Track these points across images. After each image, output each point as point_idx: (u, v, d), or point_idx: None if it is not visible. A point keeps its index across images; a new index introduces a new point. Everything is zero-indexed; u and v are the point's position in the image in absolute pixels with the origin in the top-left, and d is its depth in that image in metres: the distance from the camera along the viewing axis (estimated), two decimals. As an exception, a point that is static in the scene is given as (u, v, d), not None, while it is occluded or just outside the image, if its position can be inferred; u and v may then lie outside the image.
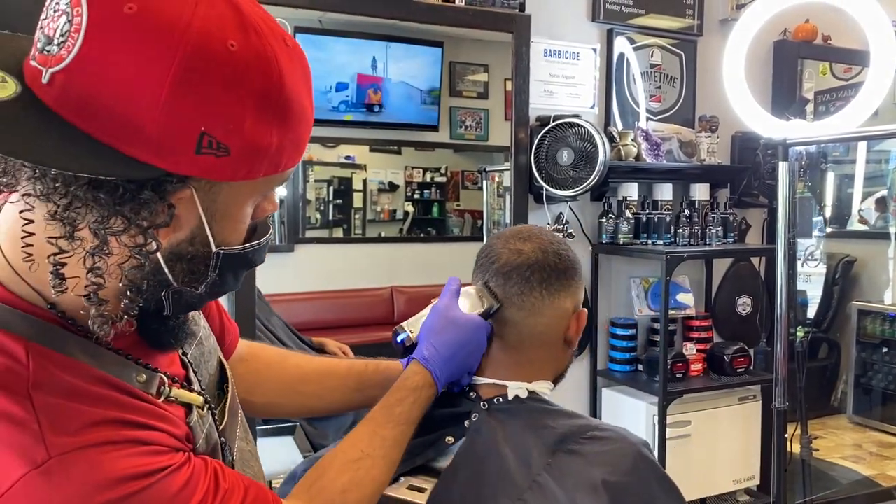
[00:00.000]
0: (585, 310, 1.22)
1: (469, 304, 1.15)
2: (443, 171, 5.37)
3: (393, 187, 5.35)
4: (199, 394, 0.85)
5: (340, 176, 5.02)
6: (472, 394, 1.15)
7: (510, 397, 1.15)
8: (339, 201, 5.03)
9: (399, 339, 1.16)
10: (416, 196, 5.37)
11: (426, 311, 1.16)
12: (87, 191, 0.61)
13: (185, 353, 0.88)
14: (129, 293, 0.67)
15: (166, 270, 0.69)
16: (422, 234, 5.45)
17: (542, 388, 1.20)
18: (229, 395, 0.94)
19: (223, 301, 2.51)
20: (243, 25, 0.64)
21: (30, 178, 0.63)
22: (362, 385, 1.18)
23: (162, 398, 0.76)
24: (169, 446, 0.71)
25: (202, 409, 0.84)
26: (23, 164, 0.63)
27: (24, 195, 0.65)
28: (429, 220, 5.44)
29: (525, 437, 1.09)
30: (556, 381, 1.25)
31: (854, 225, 4.93)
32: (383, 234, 5.36)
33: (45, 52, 0.61)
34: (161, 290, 0.71)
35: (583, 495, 1.02)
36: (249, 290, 2.57)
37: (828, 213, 4.59)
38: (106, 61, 0.60)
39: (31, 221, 0.65)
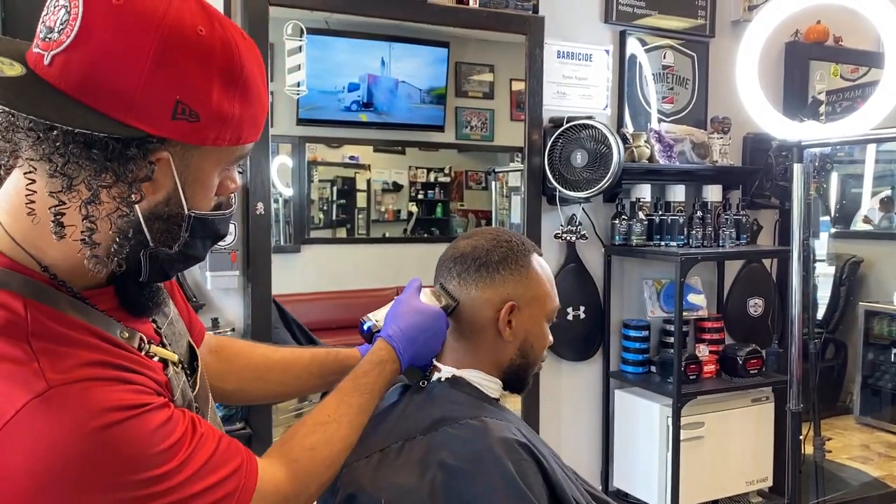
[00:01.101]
0: (513, 303, 1.28)
1: (426, 301, 1.28)
2: (447, 171, 5.36)
3: (397, 187, 5.34)
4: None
5: (344, 176, 5.01)
6: (429, 374, 1.32)
7: (442, 378, 1.30)
8: (342, 201, 5.02)
9: (366, 327, 1.29)
10: (420, 196, 5.36)
11: (390, 304, 1.29)
12: (82, 149, 0.74)
13: (158, 327, 0.97)
14: (117, 239, 0.79)
15: (145, 229, 0.80)
16: (425, 235, 5.44)
17: (471, 375, 1.31)
18: (199, 368, 1.04)
19: (237, 305, 2.52)
20: (209, 17, 0.80)
21: (34, 143, 0.74)
22: (323, 371, 1.30)
23: (143, 353, 0.87)
24: (151, 388, 0.82)
25: (177, 367, 0.94)
26: (27, 130, 0.74)
27: (27, 160, 0.76)
28: (433, 220, 5.44)
29: (423, 411, 1.24)
30: (507, 375, 1.34)
31: (857, 225, 4.93)
32: (387, 235, 5.35)
33: (47, 39, 0.75)
34: (140, 249, 0.81)
35: (414, 468, 1.15)
36: (265, 294, 2.57)
37: (833, 213, 4.59)
38: (98, 43, 0.74)
39: (33, 181, 0.76)
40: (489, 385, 1.32)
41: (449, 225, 5.41)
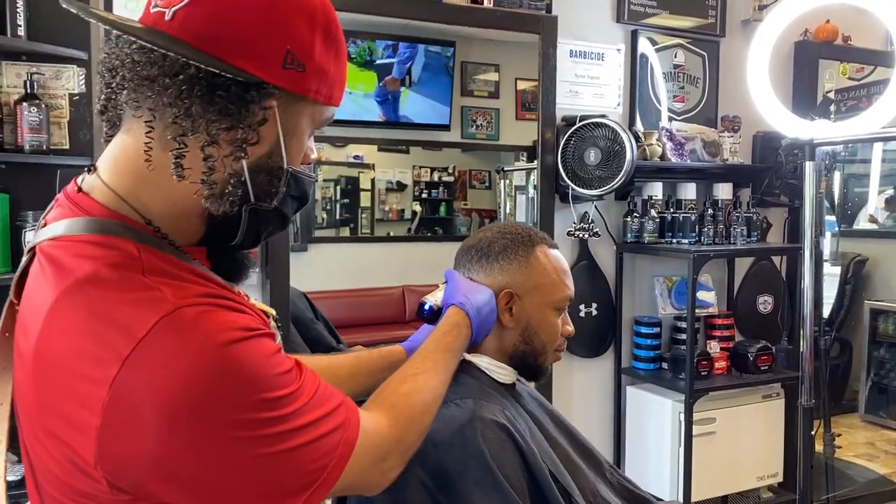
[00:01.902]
0: (509, 291, 1.38)
1: None
2: (450, 170, 5.38)
3: (401, 187, 5.36)
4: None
5: (348, 175, 5.02)
6: None
7: None
8: (345, 201, 5.04)
9: (427, 306, 1.34)
10: (424, 196, 5.38)
11: (443, 287, 1.37)
12: (206, 91, 0.78)
13: None
14: (231, 181, 0.83)
15: (249, 182, 0.84)
16: (429, 234, 5.46)
17: (480, 360, 1.41)
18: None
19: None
20: None
21: (160, 90, 0.78)
22: (371, 369, 1.32)
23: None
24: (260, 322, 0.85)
25: (276, 322, 0.98)
26: (157, 78, 0.79)
27: (149, 109, 0.80)
28: (436, 219, 5.45)
29: None
30: (514, 361, 1.43)
31: (862, 224, 4.95)
32: (391, 234, 5.36)
33: None
34: (243, 203, 0.85)
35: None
36: (283, 290, 2.59)
37: (838, 212, 4.61)
38: None
39: (152, 129, 0.80)
40: (497, 370, 1.42)
41: (452, 224, 5.43)
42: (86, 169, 0.88)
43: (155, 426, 0.71)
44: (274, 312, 1.00)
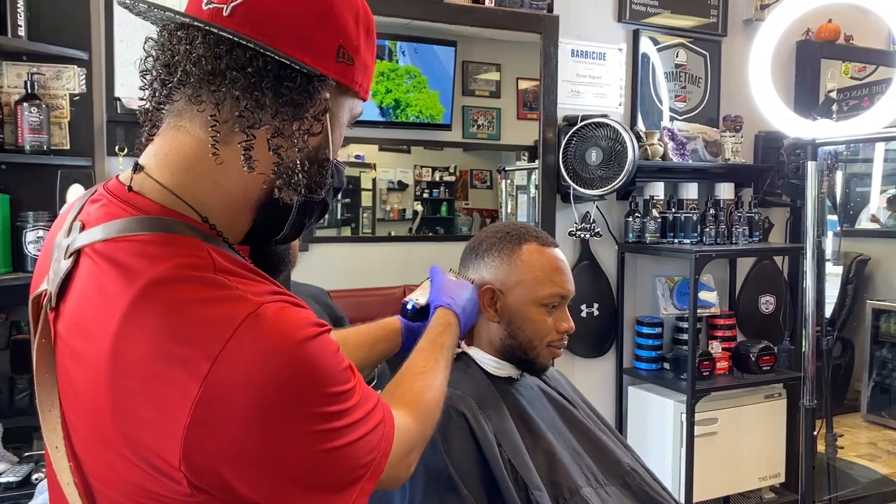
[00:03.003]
0: (489, 286, 1.45)
1: None
2: (451, 170, 5.38)
3: (402, 186, 5.36)
4: None
5: (349, 175, 5.01)
6: None
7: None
8: (347, 200, 5.03)
9: (409, 305, 1.39)
10: (426, 195, 5.38)
11: (425, 285, 1.42)
12: (273, 83, 0.81)
13: None
14: (294, 170, 0.85)
15: (306, 172, 0.87)
16: (430, 234, 5.46)
17: (474, 352, 1.51)
18: None
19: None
20: None
21: (230, 81, 0.80)
22: (372, 341, 1.40)
23: None
24: None
25: None
26: (227, 70, 0.80)
27: (214, 104, 0.81)
28: (437, 219, 5.45)
29: None
30: (504, 355, 1.49)
31: (863, 224, 4.95)
32: (393, 234, 5.36)
33: None
34: (296, 191, 0.86)
35: None
36: (286, 286, 2.58)
37: (840, 212, 4.60)
38: None
39: (217, 122, 0.81)
40: (489, 363, 1.49)
41: (454, 224, 5.43)
42: (132, 168, 0.87)
43: (245, 420, 0.73)
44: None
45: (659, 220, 3.20)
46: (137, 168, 0.86)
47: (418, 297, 1.40)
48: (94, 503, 0.82)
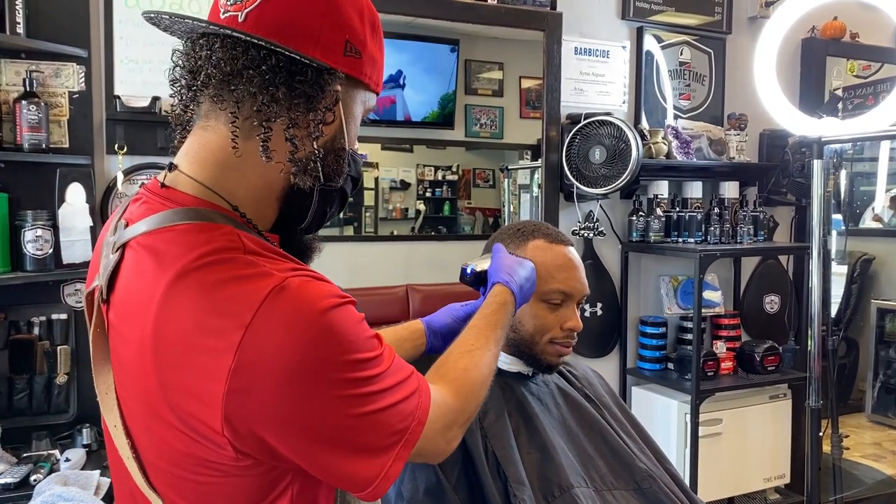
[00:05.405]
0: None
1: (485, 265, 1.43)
2: (454, 169, 5.36)
3: (405, 185, 5.35)
4: None
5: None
6: None
7: None
8: (349, 199, 5.01)
9: (468, 270, 1.40)
10: (428, 194, 5.37)
11: (487, 256, 1.41)
12: (287, 78, 0.88)
13: None
14: (311, 159, 0.92)
15: (322, 161, 0.93)
16: (433, 233, 5.44)
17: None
18: None
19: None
20: None
21: (247, 80, 0.87)
22: (399, 340, 1.40)
23: None
24: None
25: None
26: (243, 70, 0.87)
27: (233, 102, 0.88)
28: (440, 218, 5.44)
29: None
30: (512, 350, 1.51)
31: (867, 223, 4.93)
32: (395, 233, 5.35)
33: (237, 2, 0.90)
34: (317, 182, 0.94)
35: None
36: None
37: (844, 211, 4.58)
38: None
39: (237, 118, 0.88)
40: (500, 358, 1.45)
41: (456, 223, 5.42)
42: (166, 168, 0.95)
43: (277, 385, 0.79)
44: None
45: (663, 218, 3.17)
46: (171, 167, 0.95)
47: (478, 264, 1.41)
48: (147, 477, 0.90)
